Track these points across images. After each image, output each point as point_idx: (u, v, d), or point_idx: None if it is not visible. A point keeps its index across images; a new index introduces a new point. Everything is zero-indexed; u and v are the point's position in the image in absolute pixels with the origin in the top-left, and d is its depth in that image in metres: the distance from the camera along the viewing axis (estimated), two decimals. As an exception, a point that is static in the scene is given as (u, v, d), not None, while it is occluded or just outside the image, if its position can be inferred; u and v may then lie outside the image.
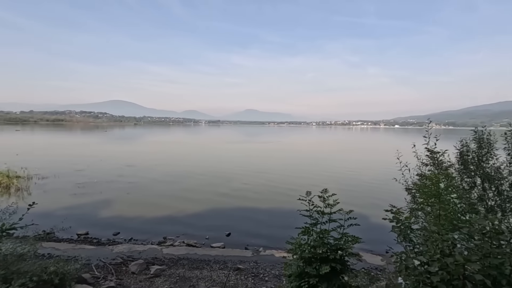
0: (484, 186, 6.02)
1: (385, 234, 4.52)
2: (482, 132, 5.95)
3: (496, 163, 5.78)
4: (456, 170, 6.12)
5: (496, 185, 5.82)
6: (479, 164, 5.82)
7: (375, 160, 37.35)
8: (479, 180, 6.03)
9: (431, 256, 3.12)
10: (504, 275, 2.90)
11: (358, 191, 20.58)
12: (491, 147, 5.85)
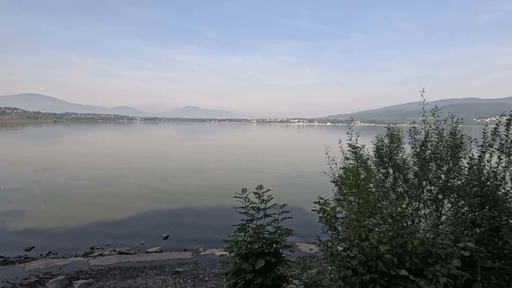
0: (395, 175, 6.96)
1: (318, 224, 4.84)
2: (393, 129, 6.87)
3: (403, 155, 6.75)
4: (373, 162, 6.93)
5: (404, 174, 6.78)
6: (391, 156, 6.71)
7: (309, 155, 40.08)
8: (391, 170, 6.95)
9: (351, 242, 3.45)
10: (407, 252, 3.37)
11: (293, 185, 21.82)
12: (400, 142, 6.80)
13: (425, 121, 6.27)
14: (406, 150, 6.79)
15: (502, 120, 4.82)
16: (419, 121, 6.74)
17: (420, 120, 6.69)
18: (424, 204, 6.42)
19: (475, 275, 3.54)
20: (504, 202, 4.34)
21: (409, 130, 6.59)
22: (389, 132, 6.86)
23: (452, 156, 5.83)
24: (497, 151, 4.76)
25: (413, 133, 6.46)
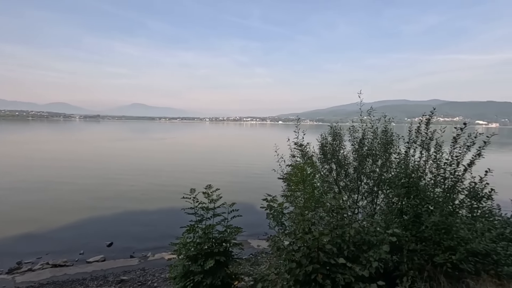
0: (338, 170, 7.48)
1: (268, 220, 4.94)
2: (335, 127, 7.38)
3: (344, 152, 7.29)
4: (318, 159, 7.36)
5: (345, 170, 7.34)
6: (333, 153, 7.20)
7: (261, 153, 40.81)
8: (334, 166, 7.46)
9: (295, 236, 3.61)
10: (345, 242, 3.65)
11: (245, 183, 22.06)
12: (341, 139, 7.34)
13: (362, 121, 6.87)
14: (346, 147, 7.34)
15: (423, 119, 5.51)
16: (358, 120, 7.33)
17: (363, 118, 7.25)
18: (362, 196, 7.02)
19: (401, 257, 3.99)
20: (425, 191, 4.96)
21: (348, 129, 7.15)
22: (331, 131, 7.35)
23: (384, 151, 6.49)
24: (419, 147, 5.43)
25: (352, 131, 7.03)
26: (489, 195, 5.29)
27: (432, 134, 5.30)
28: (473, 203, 5.43)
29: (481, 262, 3.96)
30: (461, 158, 4.80)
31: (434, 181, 5.30)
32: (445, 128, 5.68)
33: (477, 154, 4.72)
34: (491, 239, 4.22)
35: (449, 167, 4.87)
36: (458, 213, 5.05)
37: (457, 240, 3.93)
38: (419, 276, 3.80)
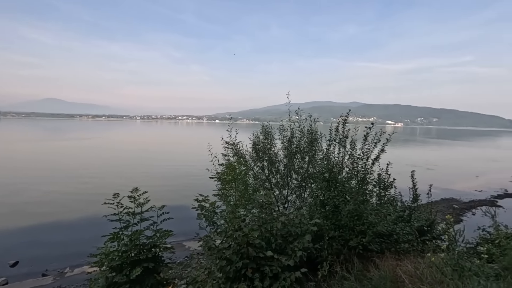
0: (270, 168, 7.83)
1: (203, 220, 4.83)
2: (267, 126, 7.71)
3: (275, 150, 7.68)
4: (251, 157, 7.58)
5: (276, 167, 7.73)
6: (265, 151, 7.51)
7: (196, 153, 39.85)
8: (266, 163, 7.78)
9: (226, 234, 3.65)
10: (273, 235, 3.85)
11: (179, 184, 21.29)
12: (272, 138, 7.70)
13: (291, 120, 7.33)
14: (277, 145, 7.74)
15: (340, 120, 6.18)
16: (292, 119, 7.75)
17: (292, 118, 7.69)
18: (291, 191, 7.50)
19: (323, 244, 4.41)
20: (343, 184, 5.56)
21: (278, 128, 7.55)
22: (262, 130, 7.66)
23: (310, 149, 7.06)
24: (338, 144, 6.06)
25: (281, 130, 7.44)
26: (391, 184, 6.25)
27: (347, 133, 5.98)
28: (380, 192, 6.35)
29: (385, 242, 4.65)
30: (370, 153, 5.54)
31: (350, 174, 6.00)
32: (359, 127, 6.47)
33: (381, 150, 5.52)
34: (392, 221, 5.00)
35: (361, 161, 5.56)
36: (369, 201, 5.83)
37: (366, 224, 4.54)
38: (337, 260, 4.26)
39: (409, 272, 3.81)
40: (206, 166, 7.21)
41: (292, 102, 7.41)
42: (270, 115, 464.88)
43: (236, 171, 4.92)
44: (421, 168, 25.20)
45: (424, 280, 3.61)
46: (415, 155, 40.84)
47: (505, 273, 4.13)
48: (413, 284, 3.50)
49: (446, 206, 14.33)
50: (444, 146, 61.61)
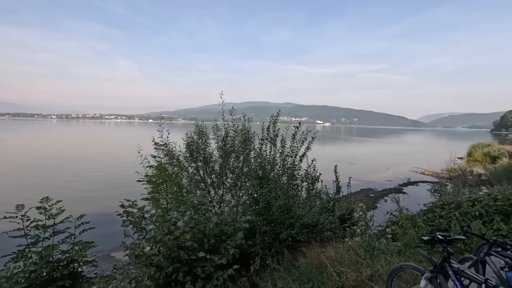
0: (205, 168, 7.72)
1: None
2: (200, 126, 7.58)
3: (210, 150, 7.61)
4: (185, 158, 7.36)
5: (211, 167, 7.66)
6: (199, 151, 7.38)
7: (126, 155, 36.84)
8: (201, 163, 7.65)
9: (155, 239, 3.48)
10: (206, 235, 3.83)
11: (104, 190, 19.27)
12: (207, 138, 7.61)
13: (224, 119, 7.36)
14: (212, 145, 7.68)
15: (271, 120, 6.48)
16: (226, 119, 7.74)
17: (228, 118, 7.68)
18: (227, 190, 7.53)
19: (255, 240, 4.56)
20: (275, 180, 5.83)
21: (212, 127, 7.50)
22: (196, 130, 7.50)
23: (245, 148, 7.20)
24: (269, 143, 6.34)
25: (215, 129, 7.41)
26: (318, 178, 6.83)
27: (277, 132, 6.31)
28: (309, 186, 6.87)
29: (312, 232, 5.06)
30: (298, 151, 5.95)
31: (281, 171, 6.34)
32: (289, 126, 6.87)
33: (307, 147, 5.98)
34: (317, 212, 5.47)
35: (290, 158, 5.93)
36: (298, 195, 6.26)
37: (295, 217, 4.86)
38: (269, 253, 4.47)
39: (331, 257, 4.23)
40: (136, 169, 6.72)
41: (229, 102, 7.41)
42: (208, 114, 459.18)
43: (167, 172, 4.72)
44: (344, 163, 28.00)
45: (343, 262, 4.04)
46: (340, 151, 45.29)
47: (405, 249, 4.91)
48: (333, 268, 3.89)
49: (364, 196, 16.28)
50: (363, 143, 69.74)
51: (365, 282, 3.51)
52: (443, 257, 2.40)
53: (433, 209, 7.26)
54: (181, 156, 7.24)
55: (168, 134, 6.44)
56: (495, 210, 6.00)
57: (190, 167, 7.44)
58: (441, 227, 5.94)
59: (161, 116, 6.22)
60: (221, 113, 7.57)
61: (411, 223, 6.14)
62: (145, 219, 4.26)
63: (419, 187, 18.85)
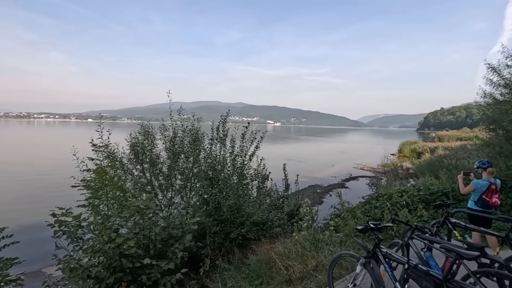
0: (152, 170, 7.34)
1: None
2: (146, 126, 7.18)
3: (157, 151, 7.26)
4: (129, 160, 6.90)
5: (159, 168, 7.32)
6: (145, 153, 6.99)
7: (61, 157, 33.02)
8: (147, 165, 7.25)
9: (93, 249, 3.20)
10: (152, 241, 3.65)
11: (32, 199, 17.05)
12: (154, 138, 7.24)
13: (172, 119, 7.09)
14: (159, 146, 7.33)
15: (221, 119, 6.45)
16: (174, 118, 7.43)
17: (177, 117, 7.38)
18: (176, 193, 7.28)
19: (205, 241, 4.51)
20: (225, 181, 5.82)
21: (159, 127, 7.17)
22: (142, 130, 7.09)
23: (194, 148, 7.04)
24: (219, 143, 6.31)
25: (163, 130, 7.09)
26: (267, 176, 7.01)
27: (227, 132, 6.31)
28: (259, 184, 7.01)
29: (261, 229, 5.18)
30: (247, 150, 6.04)
31: (232, 171, 6.35)
32: (238, 126, 6.92)
33: (256, 147, 6.11)
34: (267, 210, 5.62)
35: (240, 158, 5.98)
36: (249, 194, 6.35)
37: (245, 216, 4.93)
38: (219, 254, 4.45)
39: (280, 252, 4.39)
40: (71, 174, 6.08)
41: (179, 101, 7.14)
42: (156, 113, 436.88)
43: (107, 176, 4.37)
44: (294, 161, 29.25)
45: (290, 256, 4.23)
46: (290, 150, 47.12)
47: (346, 239, 5.32)
48: (282, 262, 4.05)
49: (312, 192, 17.22)
50: (311, 142, 73.68)
51: (310, 273, 3.72)
52: (375, 243, 2.67)
53: (370, 201, 8.01)
54: (125, 158, 6.78)
55: (109, 134, 5.96)
56: (419, 199, 6.88)
57: (135, 170, 7.00)
58: (376, 216, 6.58)
59: (101, 115, 5.71)
60: (169, 112, 7.28)
61: (351, 215, 6.69)
62: (82, 228, 3.89)
63: (359, 181, 20.59)
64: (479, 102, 8.83)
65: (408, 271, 2.53)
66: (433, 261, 2.91)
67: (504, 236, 3.26)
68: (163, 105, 7.11)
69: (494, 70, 7.83)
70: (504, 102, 7.66)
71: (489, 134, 8.68)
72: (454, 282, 2.18)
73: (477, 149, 11.41)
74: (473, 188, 4.08)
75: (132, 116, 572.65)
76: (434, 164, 16.18)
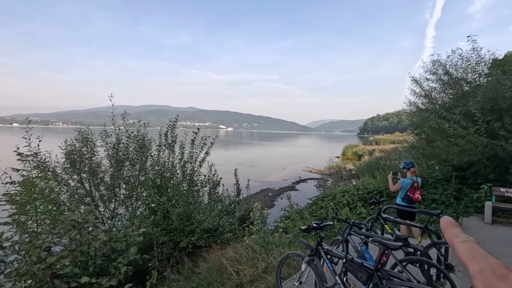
0: (91, 180, 6.74)
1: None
2: (85, 132, 6.57)
3: (97, 159, 6.69)
4: (64, 169, 6.24)
5: (100, 178, 6.75)
6: (83, 161, 6.39)
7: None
8: (86, 175, 6.63)
9: (18, 272, 2.82)
10: (91, 257, 3.36)
11: None
12: (94, 145, 6.66)
13: (115, 124, 6.61)
14: (101, 153, 6.78)
15: (169, 125, 6.25)
16: (118, 123, 6.92)
17: (120, 122, 6.89)
18: (121, 203, 6.79)
19: (153, 253, 4.30)
20: (175, 188, 5.64)
21: (100, 133, 6.63)
22: (79, 136, 6.47)
23: (141, 155, 6.67)
24: (167, 149, 6.10)
25: (104, 136, 6.57)
26: (219, 182, 6.98)
27: (176, 137, 6.14)
28: (210, 190, 6.93)
29: (212, 236, 5.13)
30: (197, 156, 5.95)
31: (181, 178, 6.18)
32: (189, 131, 6.78)
33: (206, 152, 6.06)
34: (218, 215, 5.59)
35: (189, 164, 5.87)
36: (200, 201, 6.24)
37: (195, 223, 4.83)
38: (168, 264, 4.28)
39: (231, 258, 4.40)
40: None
41: (125, 105, 6.69)
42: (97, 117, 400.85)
43: (36, 188, 3.89)
44: (246, 165, 29.50)
45: (241, 261, 4.26)
46: (243, 155, 47.47)
47: (295, 239, 5.56)
48: (233, 267, 4.06)
49: (264, 195, 17.56)
50: (263, 146, 75.23)
51: (260, 275, 3.81)
52: (317, 241, 2.86)
53: (316, 202, 8.51)
54: (59, 168, 6.11)
55: (39, 141, 5.30)
56: (358, 198, 7.53)
57: (71, 180, 6.35)
58: (321, 216, 7.02)
59: (29, 119, 5.05)
60: (112, 117, 6.78)
61: (299, 216, 7.02)
62: (3, 249, 3.41)
63: (308, 183, 21.65)
64: (406, 110, 10.04)
65: (346, 264, 2.76)
66: (368, 254, 3.22)
67: (424, 227, 3.77)
68: (106, 108, 6.60)
69: (416, 82, 9.00)
70: (425, 110, 8.84)
71: (414, 138, 9.94)
72: (384, 271, 2.45)
73: (406, 151, 12.94)
74: (400, 186, 4.64)
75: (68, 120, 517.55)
76: (371, 165, 17.82)
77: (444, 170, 7.81)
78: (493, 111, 6.61)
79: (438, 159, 7.97)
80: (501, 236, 5.34)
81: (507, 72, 6.95)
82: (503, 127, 6.26)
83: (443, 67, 8.26)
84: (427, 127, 7.90)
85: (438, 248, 3.44)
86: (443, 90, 8.44)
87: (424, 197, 6.92)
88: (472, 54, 7.68)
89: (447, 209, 6.71)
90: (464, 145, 6.46)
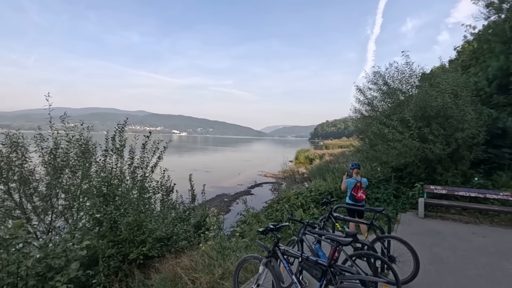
0: (23, 190, 5.92)
1: None
2: (15, 136, 5.76)
3: (29, 166, 5.91)
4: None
5: (33, 188, 5.97)
6: (11, 168, 5.60)
7: None
8: (16, 185, 5.82)
9: None
10: (22, 278, 2.93)
11: None
12: (25, 151, 5.88)
13: (52, 128, 5.94)
14: (35, 159, 6.01)
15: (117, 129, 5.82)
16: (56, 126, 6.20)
17: (59, 125, 6.18)
18: (59, 215, 6.08)
19: (98, 267, 3.92)
20: (123, 196, 5.24)
21: (34, 137, 5.88)
22: (7, 141, 5.65)
23: (84, 162, 6.07)
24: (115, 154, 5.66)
25: (39, 140, 5.84)
26: (172, 188, 6.70)
27: (125, 142, 5.74)
28: (163, 197, 6.61)
29: (166, 245, 4.88)
30: (149, 162, 5.64)
31: (131, 184, 5.78)
32: (139, 135, 6.40)
33: (158, 157, 5.78)
34: (171, 223, 5.34)
35: (140, 170, 5.52)
36: (151, 209, 5.89)
37: (147, 233, 4.54)
38: (115, 279, 3.94)
39: (186, 266, 4.22)
40: None
41: (65, 107, 6.06)
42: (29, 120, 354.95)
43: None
44: (201, 171, 28.84)
45: (197, 268, 4.12)
46: (197, 160, 46.36)
47: (251, 243, 5.57)
48: (188, 276, 3.91)
49: (220, 201, 17.33)
50: (218, 151, 74.43)
51: (217, 281, 3.72)
52: (274, 242, 2.90)
53: (272, 205, 8.67)
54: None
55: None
56: (311, 200, 7.88)
57: (-4, 191, 5.51)
58: (277, 218, 7.16)
59: None
60: (49, 119, 6.07)
61: (255, 220, 7.07)
62: None
63: (263, 187, 21.97)
64: (352, 117, 10.86)
65: (301, 263, 2.85)
66: (321, 252, 3.37)
67: (370, 223, 4.08)
68: (40, 110, 5.89)
69: (360, 91, 9.81)
70: (368, 117, 9.67)
71: (359, 142, 10.78)
72: (336, 267, 2.58)
73: (352, 155, 13.98)
74: (345, 185, 4.98)
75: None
76: (322, 169, 18.81)
77: (385, 171, 8.60)
78: (423, 118, 7.52)
79: (379, 161, 8.75)
80: (432, 228, 6.05)
81: (433, 85, 7.98)
82: (431, 132, 7.15)
83: (382, 78, 9.15)
84: (370, 132, 8.63)
85: (382, 241, 3.75)
86: (383, 99, 9.32)
87: (368, 196, 7.52)
88: (406, 68, 8.66)
89: (388, 206, 7.39)
90: (400, 148, 7.21)
